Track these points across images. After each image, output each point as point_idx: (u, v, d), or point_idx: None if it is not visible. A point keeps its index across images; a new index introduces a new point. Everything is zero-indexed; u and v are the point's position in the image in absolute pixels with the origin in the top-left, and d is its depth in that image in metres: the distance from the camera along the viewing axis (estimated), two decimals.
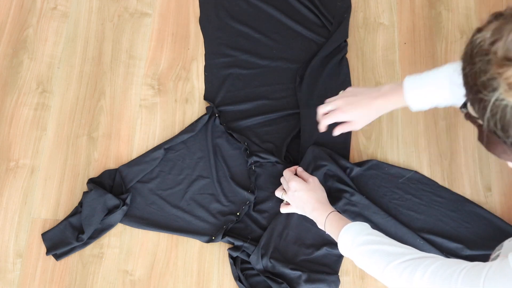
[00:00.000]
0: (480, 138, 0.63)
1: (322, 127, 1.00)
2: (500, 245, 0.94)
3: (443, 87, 0.88)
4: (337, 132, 0.99)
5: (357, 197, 1.06)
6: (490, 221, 1.05)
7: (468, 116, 0.64)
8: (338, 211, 0.98)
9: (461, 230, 1.05)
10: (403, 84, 0.91)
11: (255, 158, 1.10)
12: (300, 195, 0.99)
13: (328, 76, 1.18)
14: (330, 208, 0.97)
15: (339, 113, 0.96)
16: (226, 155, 1.13)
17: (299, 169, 1.05)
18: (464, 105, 0.66)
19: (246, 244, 1.03)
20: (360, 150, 1.13)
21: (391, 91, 0.93)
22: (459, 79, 0.80)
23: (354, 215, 1.05)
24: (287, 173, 1.04)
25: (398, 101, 0.93)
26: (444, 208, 1.06)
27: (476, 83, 0.57)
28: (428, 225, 1.05)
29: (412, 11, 1.25)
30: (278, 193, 1.06)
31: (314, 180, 1.01)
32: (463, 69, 0.60)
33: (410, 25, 1.24)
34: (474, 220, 1.05)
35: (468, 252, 1.02)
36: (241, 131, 1.14)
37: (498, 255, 0.92)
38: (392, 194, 1.08)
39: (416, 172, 1.10)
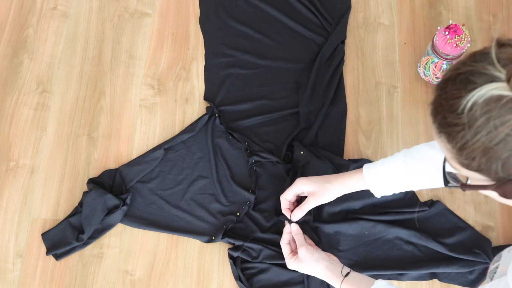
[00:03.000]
0: (504, 194, 0.58)
1: (293, 216, 0.99)
2: (498, 256, 0.94)
3: (400, 172, 0.90)
4: (297, 215, 0.98)
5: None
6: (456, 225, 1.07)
7: (470, 187, 0.61)
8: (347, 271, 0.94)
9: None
10: (363, 173, 0.93)
11: (255, 158, 1.10)
12: (304, 271, 0.96)
13: (327, 81, 1.18)
14: (339, 275, 0.92)
15: (299, 182, 0.97)
16: (226, 155, 1.13)
17: (295, 231, 1.00)
18: (447, 181, 0.64)
19: (246, 244, 1.03)
20: (360, 150, 1.13)
21: (355, 174, 0.95)
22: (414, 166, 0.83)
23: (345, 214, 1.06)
24: (285, 249, 0.99)
25: (361, 184, 0.94)
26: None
27: (497, 142, 0.52)
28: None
29: (412, 11, 1.25)
30: (285, 250, 1.00)
31: (303, 255, 0.96)
32: (458, 139, 0.54)
33: (410, 25, 1.24)
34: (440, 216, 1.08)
35: (450, 253, 1.03)
36: (241, 131, 1.15)
37: (497, 267, 0.91)
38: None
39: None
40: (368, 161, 1.11)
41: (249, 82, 1.20)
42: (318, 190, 0.96)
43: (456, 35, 1.03)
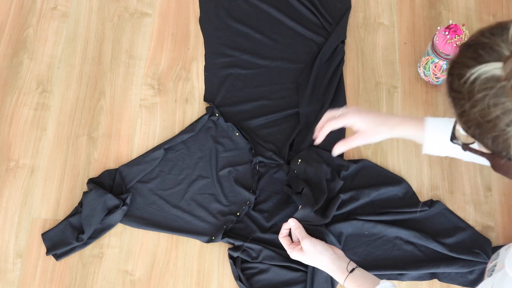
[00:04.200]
0: (497, 168, 0.61)
1: (323, 134, 0.91)
2: (496, 254, 0.94)
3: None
4: (339, 149, 0.90)
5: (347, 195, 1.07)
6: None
7: (470, 149, 0.62)
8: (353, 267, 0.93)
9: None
10: (425, 124, 0.86)
11: (260, 158, 1.10)
12: (308, 262, 0.96)
13: (327, 81, 1.18)
14: (343, 270, 0.91)
15: (352, 115, 0.88)
16: (229, 155, 1.13)
17: (294, 226, 0.99)
18: (454, 137, 0.65)
19: (246, 244, 1.03)
20: (360, 151, 1.13)
21: (412, 120, 0.88)
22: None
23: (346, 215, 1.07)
24: (284, 242, 0.99)
25: (414, 133, 0.88)
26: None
27: (488, 119, 0.54)
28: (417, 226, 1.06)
29: (412, 11, 1.25)
30: (284, 242, 1.00)
31: (307, 247, 0.95)
32: (459, 106, 0.57)
33: (410, 25, 1.24)
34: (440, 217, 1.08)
35: (450, 253, 1.03)
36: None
37: (495, 265, 0.91)
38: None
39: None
40: (368, 161, 1.11)
41: (249, 82, 1.20)
42: (370, 130, 0.88)
43: (456, 35, 1.03)
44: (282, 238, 1.00)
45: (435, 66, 1.11)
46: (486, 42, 0.54)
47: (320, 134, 0.92)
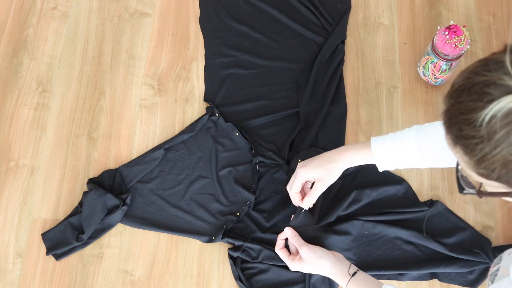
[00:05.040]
0: None
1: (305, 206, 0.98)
2: (499, 258, 0.94)
3: (412, 151, 0.87)
4: (307, 202, 0.97)
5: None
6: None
7: (487, 194, 0.60)
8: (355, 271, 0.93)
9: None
10: (371, 144, 0.90)
11: (260, 158, 1.10)
12: (308, 270, 0.95)
13: (327, 81, 1.18)
14: (345, 273, 0.91)
15: (300, 172, 0.94)
16: (229, 155, 1.13)
17: (290, 235, 0.99)
18: (463, 189, 0.63)
19: (246, 244, 1.03)
20: None
21: (359, 145, 0.92)
22: (425, 143, 0.81)
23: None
24: (281, 254, 0.98)
25: (364, 156, 0.91)
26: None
27: (511, 159, 0.51)
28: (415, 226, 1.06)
29: (412, 11, 1.25)
30: (282, 254, 0.99)
31: (305, 254, 0.95)
32: (477, 152, 0.53)
33: (410, 25, 1.24)
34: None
35: (450, 253, 1.03)
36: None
37: (498, 269, 0.91)
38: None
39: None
40: None
41: (249, 82, 1.20)
42: (323, 175, 0.93)
43: (456, 36, 1.03)
44: (279, 250, 0.99)
45: (434, 66, 1.11)
46: (486, 79, 0.52)
47: (303, 205, 0.99)
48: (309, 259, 0.94)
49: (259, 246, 1.04)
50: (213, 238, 1.06)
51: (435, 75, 1.13)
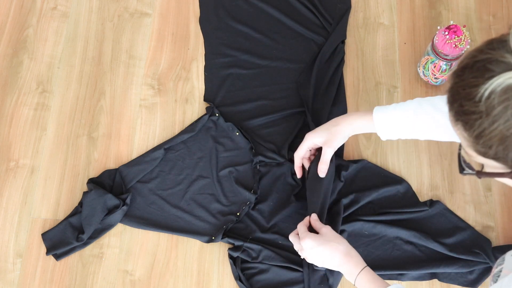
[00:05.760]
0: None
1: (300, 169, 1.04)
2: (501, 258, 0.94)
3: (410, 121, 0.90)
4: (322, 169, 0.99)
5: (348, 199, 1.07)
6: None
7: (486, 174, 0.61)
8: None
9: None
10: (373, 112, 0.94)
11: (260, 158, 1.10)
12: (320, 251, 0.91)
13: (327, 81, 1.18)
14: (360, 262, 0.90)
15: (307, 136, 0.99)
16: (230, 155, 1.13)
17: (313, 217, 0.97)
18: (463, 169, 0.64)
19: (246, 244, 1.04)
20: (360, 150, 1.13)
21: (363, 112, 0.96)
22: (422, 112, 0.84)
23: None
24: (301, 228, 0.95)
25: (367, 123, 0.95)
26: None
27: (508, 135, 0.53)
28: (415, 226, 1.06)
29: (412, 11, 1.25)
30: (294, 241, 0.97)
31: (327, 230, 0.93)
32: (476, 127, 0.55)
33: (410, 25, 1.24)
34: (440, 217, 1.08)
35: (450, 253, 1.03)
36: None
37: (500, 270, 0.91)
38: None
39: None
40: (368, 161, 1.11)
41: (249, 82, 1.20)
42: (329, 137, 0.97)
43: (456, 36, 1.03)
44: (294, 235, 0.96)
45: (434, 67, 1.11)
46: (489, 57, 0.53)
47: (299, 170, 1.05)
48: (328, 235, 0.91)
49: (259, 246, 1.04)
50: (213, 238, 1.06)
51: (435, 75, 1.13)
